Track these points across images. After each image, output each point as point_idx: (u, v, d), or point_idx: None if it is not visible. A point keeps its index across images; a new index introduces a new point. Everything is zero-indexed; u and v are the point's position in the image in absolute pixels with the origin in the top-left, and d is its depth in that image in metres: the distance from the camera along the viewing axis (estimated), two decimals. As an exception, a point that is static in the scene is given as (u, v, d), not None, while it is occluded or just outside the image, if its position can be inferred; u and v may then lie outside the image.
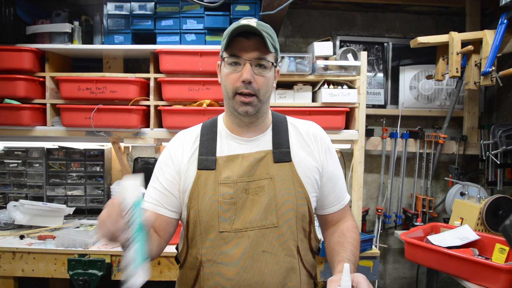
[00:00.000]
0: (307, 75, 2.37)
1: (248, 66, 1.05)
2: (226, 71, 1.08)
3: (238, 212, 1.08)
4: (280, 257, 1.08)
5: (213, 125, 1.20)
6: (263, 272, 1.07)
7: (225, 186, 1.09)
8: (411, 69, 2.95)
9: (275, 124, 1.20)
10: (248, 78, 1.04)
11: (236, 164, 1.11)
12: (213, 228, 1.07)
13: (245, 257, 1.06)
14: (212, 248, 1.08)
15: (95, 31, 2.42)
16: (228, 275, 1.06)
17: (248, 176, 1.10)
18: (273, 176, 1.11)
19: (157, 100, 2.36)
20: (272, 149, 1.14)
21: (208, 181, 1.10)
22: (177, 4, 2.35)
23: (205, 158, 1.12)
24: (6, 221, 2.28)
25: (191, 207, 1.10)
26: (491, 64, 2.25)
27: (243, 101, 1.07)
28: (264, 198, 1.09)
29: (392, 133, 2.84)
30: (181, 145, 1.17)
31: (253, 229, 1.07)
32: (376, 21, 2.96)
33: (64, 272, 2.02)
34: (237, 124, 1.15)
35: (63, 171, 2.58)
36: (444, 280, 3.01)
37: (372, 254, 2.11)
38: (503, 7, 2.22)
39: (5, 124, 2.30)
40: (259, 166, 1.11)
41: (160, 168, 1.18)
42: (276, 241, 1.08)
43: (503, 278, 1.65)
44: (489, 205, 2.20)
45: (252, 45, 1.05)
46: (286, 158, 1.14)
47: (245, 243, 1.06)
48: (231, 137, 1.16)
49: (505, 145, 2.44)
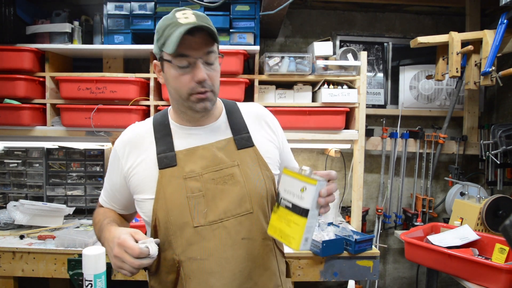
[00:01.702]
0: (307, 75, 2.37)
1: (200, 65, 1.01)
2: (175, 73, 1.02)
3: (209, 204, 1.04)
4: (258, 241, 1.08)
5: (165, 119, 1.15)
6: (245, 259, 1.05)
7: (191, 180, 1.05)
8: (411, 69, 2.95)
9: (228, 110, 1.18)
10: (204, 78, 1.01)
11: (197, 156, 1.08)
12: (187, 224, 1.03)
13: (225, 248, 1.03)
14: (189, 245, 1.03)
15: (95, 31, 2.42)
16: (211, 269, 1.03)
17: (212, 166, 1.07)
18: (240, 163, 1.09)
19: (157, 100, 2.37)
20: (233, 136, 1.13)
21: (172, 178, 1.05)
22: (177, 4, 2.35)
23: (164, 156, 1.08)
24: (6, 221, 2.28)
25: (158, 209, 1.04)
26: (491, 64, 2.25)
27: (200, 98, 1.03)
28: (235, 186, 1.06)
29: (392, 133, 2.84)
30: (130, 146, 1.13)
31: (228, 219, 1.05)
32: (376, 21, 2.96)
33: (64, 272, 2.02)
34: (188, 120, 1.12)
35: (63, 171, 2.58)
36: (444, 280, 3.01)
37: (372, 254, 2.11)
38: (503, 7, 2.22)
39: (5, 124, 2.30)
40: (222, 155, 1.09)
41: (109, 166, 1.18)
42: (253, 226, 1.07)
43: (503, 278, 1.66)
44: (489, 205, 2.20)
45: (199, 41, 1.00)
46: (249, 143, 1.12)
47: (222, 234, 1.04)
48: (184, 129, 1.12)
49: (505, 145, 2.45)
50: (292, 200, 0.93)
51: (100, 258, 0.98)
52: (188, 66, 1.01)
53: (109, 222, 1.09)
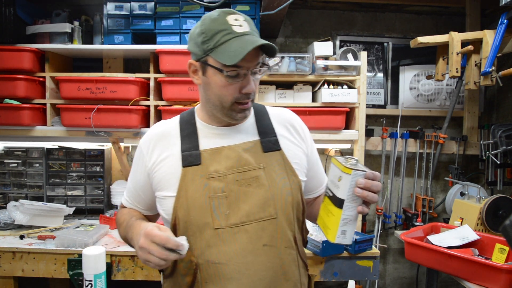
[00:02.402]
0: (307, 75, 2.37)
1: (250, 77, 1.00)
2: (222, 81, 1.00)
3: (232, 206, 1.01)
4: (280, 249, 1.03)
5: (191, 118, 1.13)
6: (265, 267, 1.01)
7: (214, 180, 1.03)
8: (411, 69, 2.95)
9: (256, 112, 1.16)
10: (253, 91, 1.01)
11: (222, 156, 1.05)
12: (207, 225, 1.00)
13: (245, 253, 1.00)
14: (208, 248, 1.00)
15: (95, 31, 2.42)
16: (229, 275, 0.99)
17: (237, 167, 1.04)
18: (265, 166, 1.06)
19: (157, 100, 2.37)
20: (260, 139, 1.10)
21: (195, 177, 1.03)
22: (177, 4, 2.35)
23: (188, 154, 1.05)
24: (6, 221, 2.28)
25: (179, 207, 1.02)
26: (491, 64, 2.25)
27: (242, 108, 1.03)
28: (259, 189, 1.03)
29: (392, 133, 2.84)
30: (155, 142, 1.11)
31: (251, 223, 1.01)
32: (376, 21, 2.96)
33: (64, 272, 2.02)
34: (217, 122, 1.10)
35: (63, 171, 2.58)
36: (444, 280, 3.01)
37: (372, 254, 2.11)
38: (503, 7, 2.21)
39: (5, 124, 2.30)
40: (248, 156, 1.06)
41: (133, 166, 1.16)
42: (276, 233, 1.03)
43: (503, 278, 1.65)
44: (489, 205, 2.20)
45: (254, 53, 0.97)
46: (276, 146, 1.10)
47: (243, 238, 1.00)
48: (211, 128, 1.11)
49: (505, 145, 2.44)
50: (333, 190, 0.92)
51: (100, 258, 0.98)
52: (237, 76, 1.00)
53: (136, 220, 1.08)
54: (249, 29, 0.99)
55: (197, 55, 1.03)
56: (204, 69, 1.03)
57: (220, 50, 0.97)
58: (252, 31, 1.00)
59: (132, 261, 2.03)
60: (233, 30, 0.97)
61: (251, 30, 0.99)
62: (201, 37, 0.99)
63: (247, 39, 0.96)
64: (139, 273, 2.03)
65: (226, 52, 0.96)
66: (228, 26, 0.97)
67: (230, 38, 0.96)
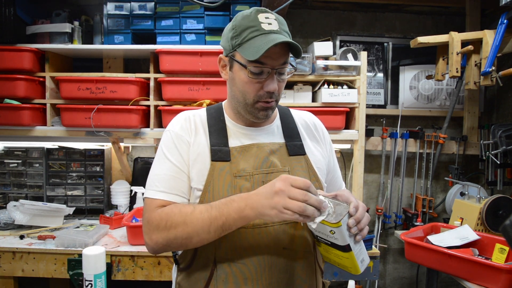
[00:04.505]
0: (307, 75, 2.37)
1: (274, 76, 1.00)
2: (246, 77, 1.00)
3: None
4: (299, 254, 1.04)
5: (220, 114, 1.13)
6: (283, 269, 1.01)
7: (241, 179, 1.02)
8: (411, 69, 2.95)
9: (282, 115, 1.17)
10: (275, 90, 1.01)
11: (251, 154, 1.06)
12: None
13: (265, 255, 1.00)
14: (229, 247, 1.00)
15: (95, 31, 2.42)
16: (248, 276, 0.99)
17: (264, 167, 1.05)
18: (290, 170, 1.07)
19: (157, 100, 2.37)
20: (285, 142, 1.11)
21: (223, 173, 1.02)
22: (177, 4, 2.35)
23: (218, 149, 1.04)
24: (6, 221, 2.28)
25: (204, 202, 1.00)
26: (491, 64, 2.25)
27: (265, 107, 1.03)
28: None
29: (392, 133, 2.84)
30: (189, 125, 1.08)
31: (273, 225, 1.01)
32: (376, 21, 2.96)
33: (64, 272, 2.02)
34: (243, 121, 1.11)
35: (63, 171, 2.58)
36: (444, 280, 3.01)
37: (372, 254, 2.11)
38: (503, 7, 2.22)
39: (5, 124, 2.30)
40: (274, 158, 1.07)
41: (166, 150, 1.06)
42: (297, 237, 1.03)
43: (503, 278, 1.65)
44: (489, 205, 2.20)
45: (279, 51, 0.98)
46: (301, 151, 1.11)
47: (265, 240, 1.00)
48: (240, 128, 1.11)
49: (505, 145, 2.44)
50: (328, 240, 0.93)
51: (100, 258, 0.98)
52: (262, 74, 1.00)
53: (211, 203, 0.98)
54: (278, 28, 0.99)
55: (226, 50, 1.05)
56: (231, 64, 1.05)
57: (246, 46, 0.98)
58: (280, 30, 1.00)
59: (132, 261, 2.03)
60: (261, 27, 0.98)
61: (280, 29, 0.99)
62: (231, 32, 1.01)
63: (272, 37, 0.96)
64: (139, 273, 2.03)
65: (250, 48, 0.97)
66: (257, 23, 0.98)
67: (257, 35, 0.97)
